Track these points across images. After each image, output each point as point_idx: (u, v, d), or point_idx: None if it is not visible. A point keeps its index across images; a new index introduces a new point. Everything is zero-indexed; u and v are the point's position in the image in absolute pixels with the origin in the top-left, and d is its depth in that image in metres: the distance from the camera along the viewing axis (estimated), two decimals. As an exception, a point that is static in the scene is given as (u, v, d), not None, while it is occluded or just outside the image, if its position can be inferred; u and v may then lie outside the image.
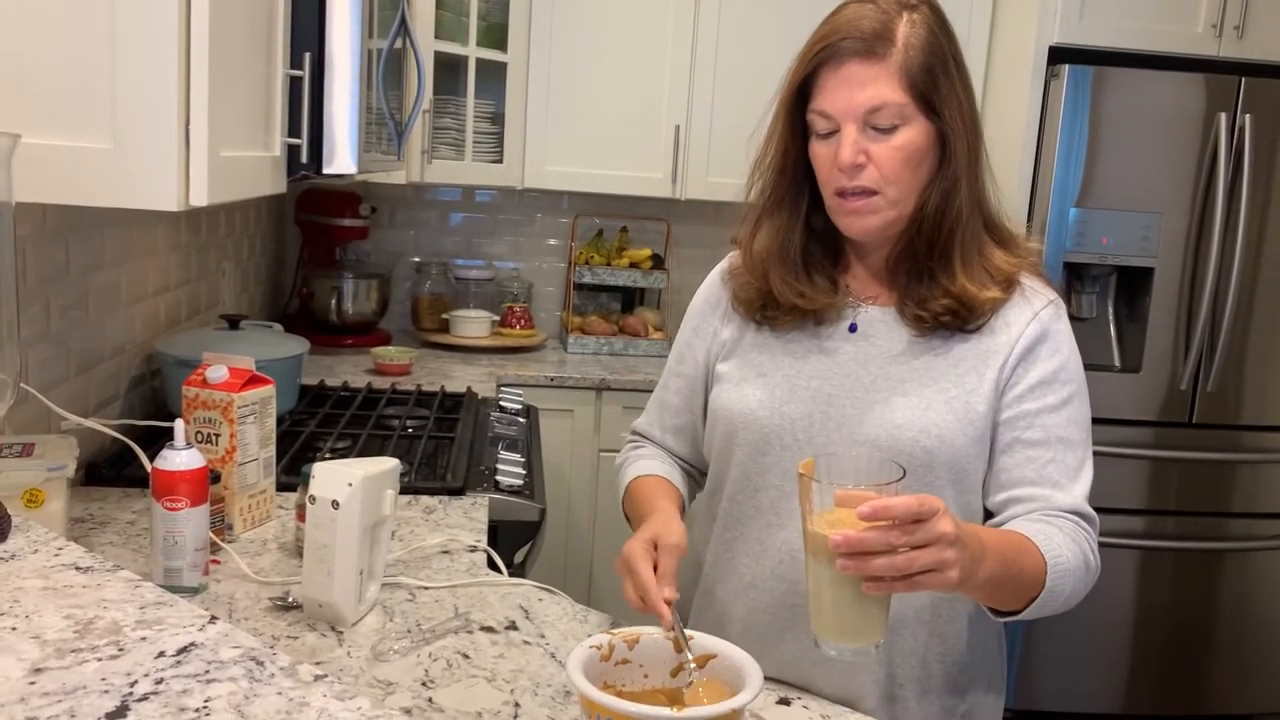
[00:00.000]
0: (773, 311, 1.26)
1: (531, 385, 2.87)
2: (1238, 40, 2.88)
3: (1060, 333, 1.21)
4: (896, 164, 1.14)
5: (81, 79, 1.08)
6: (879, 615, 0.96)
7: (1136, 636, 3.01)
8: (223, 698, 0.69)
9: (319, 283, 3.09)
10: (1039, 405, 1.17)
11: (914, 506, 0.89)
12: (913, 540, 0.90)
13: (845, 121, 1.14)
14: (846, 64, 1.13)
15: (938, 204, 1.17)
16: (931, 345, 1.20)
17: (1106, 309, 2.98)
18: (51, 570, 0.88)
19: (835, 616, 0.96)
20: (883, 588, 0.92)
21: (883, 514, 0.88)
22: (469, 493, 1.78)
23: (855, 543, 0.89)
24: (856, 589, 0.92)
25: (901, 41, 1.13)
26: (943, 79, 1.14)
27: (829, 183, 1.19)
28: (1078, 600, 1.13)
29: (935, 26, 1.16)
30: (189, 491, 1.26)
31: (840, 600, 0.94)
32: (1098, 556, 1.15)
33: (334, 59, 1.57)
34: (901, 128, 1.14)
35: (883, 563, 0.89)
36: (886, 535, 0.89)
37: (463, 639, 1.23)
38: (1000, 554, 1.03)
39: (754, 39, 3.13)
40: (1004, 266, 1.21)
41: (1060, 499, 1.15)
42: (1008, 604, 1.10)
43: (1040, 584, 1.07)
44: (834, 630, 0.96)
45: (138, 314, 2.00)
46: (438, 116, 2.98)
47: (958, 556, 0.92)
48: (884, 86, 1.12)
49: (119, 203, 1.11)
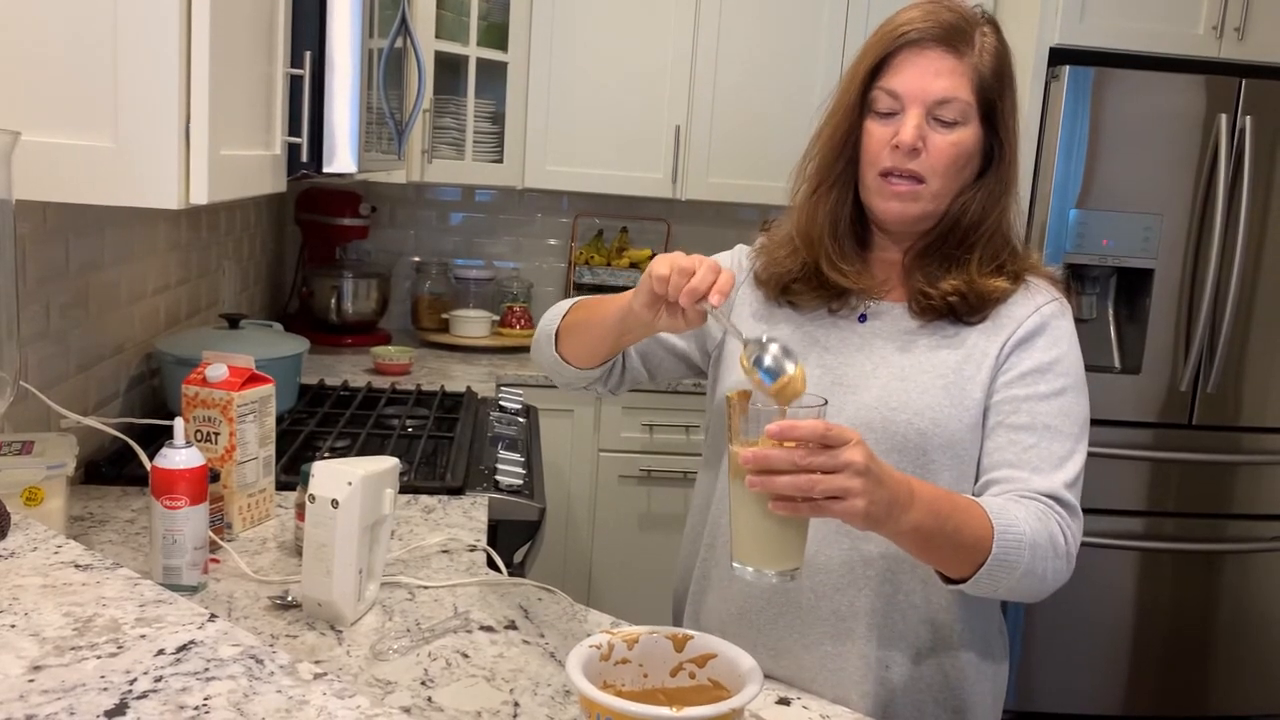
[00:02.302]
0: (798, 287, 1.26)
1: (531, 385, 2.87)
2: (1238, 42, 2.87)
3: (1060, 328, 1.21)
4: (948, 158, 1.17)
5: (82, 77, 1.08)
6: (795, 541, 0.98)
7: (1136, 637, 3.01)
8: (222, 695, 0.69)
9: (319, 282, 3.08)
10: (1028, 392, 1.18)
11: (820, 429, 0.92)
12: (815, 463, 0.92)
13: (913, 104, 1.17)
14: (929, 50, 1.17)
15: (975, 213, 1.20)
16: (934, 339, 1.22)
17: (1106, 310, 2.98)
18: (51, 568, 0.88)
19: (750, 538, 0.98)
20: (788, 508, 0.94)
21: (789, 434, 0.91)
22: (468, 492, 1.78)
23: (760, 459, 0.92)
24: (767, 510, 0.95)
25: (978, 46, 1.18)
26: (1007, 92, 1.19)
27: (876, 162, 1.19)
28: (1046, 585, 1.10)
29: (1002, 47, 1.21)
30: (188, 490, 1.26)
31: (753, 522, 0.97)
32: (1074, 543, 1.13)
33: (334, 58, 1.57)
34: (961, 126, 1.17)
35: (786, 480, 0.92)
36: (791, 455, 0.92)
37: (462, 638, 1.23)
38: (934, 508, 1.02)
39: (755, 40, 3.13)
40: (1012, 268, 1.24)
41: (1037, 482, 1.14)
42: (947, 565, 1.08)
43: (985, 550, 1.05)
44: (751, 554, 0.99)
45: (137, 312, 2.00)
46: (438, 116, 2.98)
47: (865, 487, 0.93)
48: (959, 81, 1.17)
49: (119, 201, 1.11)
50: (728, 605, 1.28)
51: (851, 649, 1.21)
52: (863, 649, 1.21)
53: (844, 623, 1.21)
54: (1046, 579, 1.10)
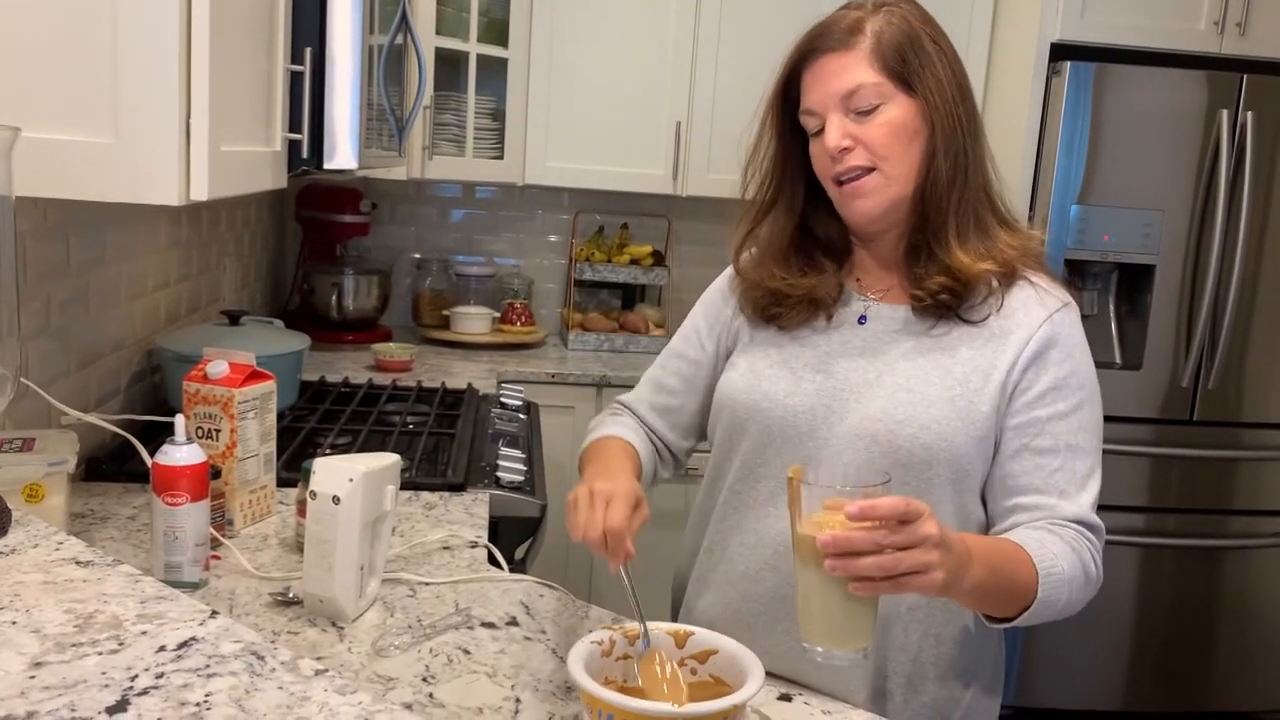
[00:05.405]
0: (777, 309, 1.27)
1: (532, 382, 2.87)
2: (1240, 37, 2.87)
3: (1073, 337, 1.20)
4: (884, 139, 1.17)
5: (82, 73, 1.08)
6: (867, 619, 0.96)
7: (1137, 633, 3.01)
8: (223, 692, 0.69)
9: (320, 279, 3.08)
10: (1049, 412, 1.17)
11: (900, 506, 0.91)
12: (898, 540, 0.91)
13: (828, 111, 1.19)
14: (823, 60, 1.19)
15: (936, 179, 1.18)
16: (939, 343, 1.20)
17: (1108, 306, 2.98)
18: (52, 564, 0.87)
19: (824, 620, 0.96)
20: (869, 588, 0.92)
21: (869, 514, 0.90)
22: (470, 489, 1.78)
23: (843, 542, 0.90)
24: (844, 591, 0.93)
25: (872, 30, 1.18)
26: (916, 56, 1.18)
27: (827, 175, 1.21)
28: (1076, 609, 1.14)
29: (909, 14, 1.20)
30: (189, 487, 1.26)
31: (828, 603, 0.95)
32: (1100, 567, 1.15)
33: (335, 54, 1.56)
34: (883, 106, 1.17)
35: (869, 562, 0.91)
36: (873, 535, 0.90)
37: (463, 634, 1.23)
38: (989, 562, 1.04)
39: (755, 36, 3.12)
40: (1005, 249, 1.21)
41: (1066, 508, 1.15)
42: (999, 611, 1.11)
43: (1032, 594, 1.08)
44: (822, 635, 0.97)
45: (138, 309, 2.00)
46: (439, 112, 2.98)
47: (943, 559, 0.93)
48: (857, 70, 1.17)
49: (120, 197, 1.11)
50: (724, 609, 1.27)
51: None
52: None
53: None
54: (1076, 606, 1.14)
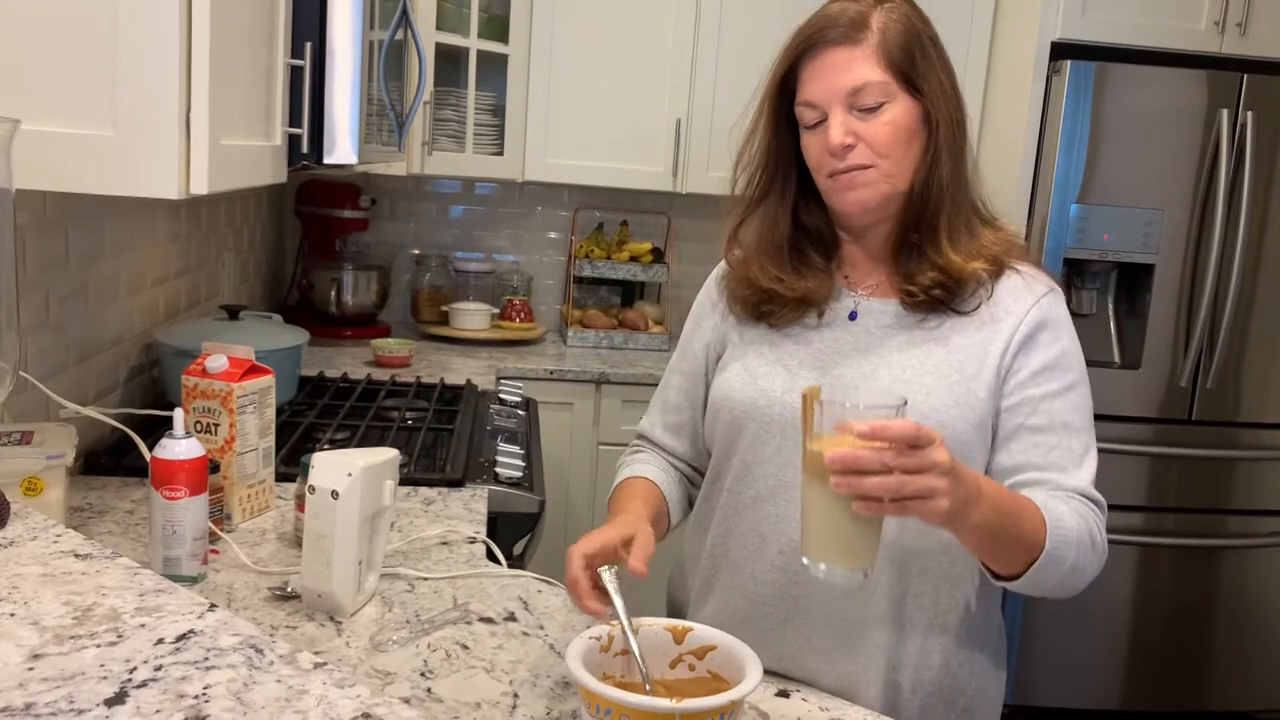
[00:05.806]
0: (768, 307, 1.27)
1: (531, 378, 2.87)
2: (1240, 37, 2.87)
3: (1061, 320, 1.22)
4: (886, 138, 1.17)
5: (82, 66, 1.08)
6: (870, 539, 0.97)
7: (1135, 633, 3.01)
8: (222, 685, 0.69)
9: (319, 274, 3.08)
10: (1042, 391, 1.18)
11: (911, 429, 0.91)
12: (907, 464, 0.91)
13: (831, 106, 1.17)
14: (826, 53, 1.18)
15: (924, 177, 1.19)
16: (932, 334, 1.21)
17: (1107, 305, 2.98)
18: (50, 557, 0.87)
19: (826, 535, 0.97)
20: (873, 508, 0.93)
21: (880, 434, 0.90)
22: (468, 484, 1.78)
23: (851, 460, 0.91)
24: (848, 509, 0.94)
25: (877, 26, 1.17)
26: (920, 57, 1.18)
27: (821, 169, 1.21)
28: (1084, 579, 1.13)
29: (910, 13, 1.20)
30: (188, 481, 1.26)
31: (831, 519, 0.96)
32: (1104, 539, 1.16)
33: (335, 49, 1.56)
34: (887, 105, 1.17)
35: (875, 482, 0.91)
36: (881, 456, 0.91)
37: (462, 630, 1.23)
38: (998, 503, 1.04)
39: (756, 33, 3.12)
40: (990, 245, 1.23)
41: (1067, 481, 1.17)
42: (1004, 562, 1.10)
43: (1039, 546, 1.07)
44: (823, 549, 0.98)
45: (137, 303, 2.00)
46: (438, 108, 2.98)
47: (950, 487, 0.94)
48: (864, 67, 1.16)
49: (119, 190, 1.11)
50: (731, 614, 1.26)
51: (860, 653, 1.20)
52: (871, 653, 1.20)
53: (853, 628, 1.20)
54: (1085, 574, 1.13)
